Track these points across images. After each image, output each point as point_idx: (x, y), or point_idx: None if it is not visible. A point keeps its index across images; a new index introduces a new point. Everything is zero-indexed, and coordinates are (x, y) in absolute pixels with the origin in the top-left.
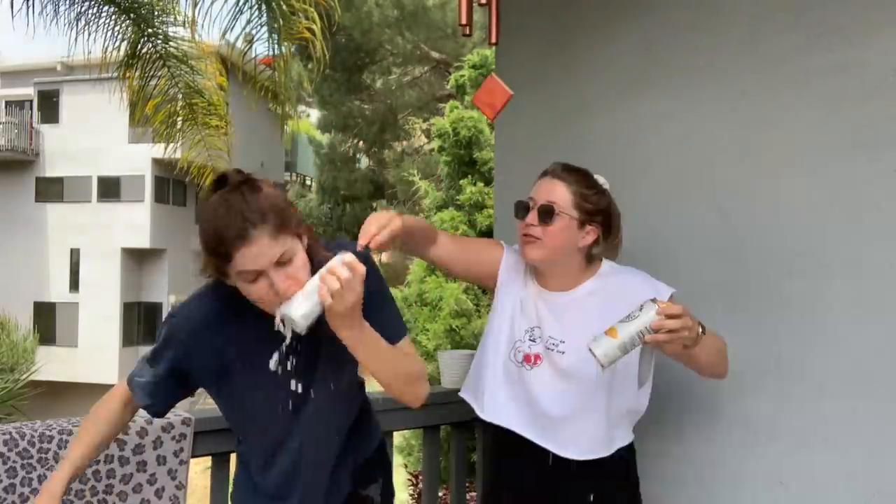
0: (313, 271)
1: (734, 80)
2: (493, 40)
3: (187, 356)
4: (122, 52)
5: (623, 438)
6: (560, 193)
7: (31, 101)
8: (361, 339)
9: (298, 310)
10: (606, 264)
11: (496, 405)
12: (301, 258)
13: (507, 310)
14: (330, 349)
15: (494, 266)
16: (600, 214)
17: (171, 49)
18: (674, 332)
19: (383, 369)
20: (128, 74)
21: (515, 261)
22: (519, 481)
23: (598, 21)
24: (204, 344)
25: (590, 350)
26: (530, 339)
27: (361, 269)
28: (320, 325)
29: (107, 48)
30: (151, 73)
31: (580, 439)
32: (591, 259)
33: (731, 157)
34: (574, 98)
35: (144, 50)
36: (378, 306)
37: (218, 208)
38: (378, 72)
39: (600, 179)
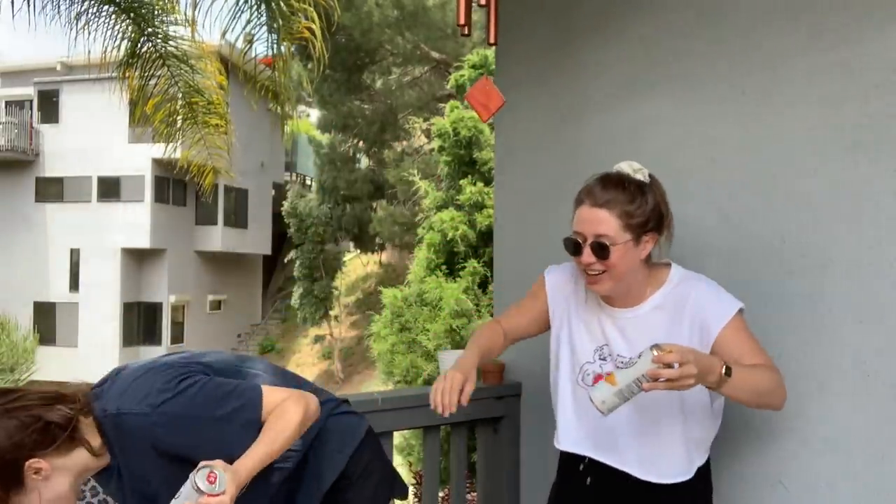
0: None
1: (734, 80)
2: (493, 40)
3: None
4: (122, 52)
5: (701, 457)
6: (606, 223)
7: (31, 101)
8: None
9: None
10: (675, 272)
11: (569, 434)
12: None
13: (564, 336)
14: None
15: (545, 304)
16: (651, 220)
17: (171, 48)
18: (672, 381)
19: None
20: (128, 74)
21: (558, 283)
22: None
23: (597, 22)
24: None
25: (590, 398)
26: (600, 359)
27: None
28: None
29: (107, 48)
30: (151, 72)
31: (660, 461)
32: (651, 263)
33: (731, 156)
34: (574, 98)
35: (144, 49)
36: (212, 440)
37: None
38: (378, 72)
39: (633, 166)
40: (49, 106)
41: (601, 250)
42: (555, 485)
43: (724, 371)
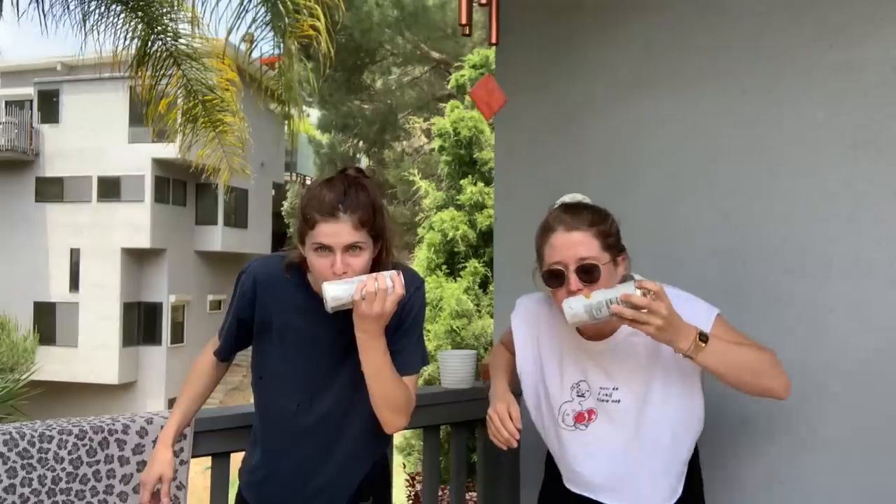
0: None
1: (734, 79)
2: (493, 40)
3: (249, 306)
4: (132, 51)
5: (687, 471)
6: (587, 244)
7: (31, 101)
8: (370, 348)
9: (333, 291)
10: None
11: (573, 476)
12: (365, 257)
13: (530, 378)
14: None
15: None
16: (619, 240)
17: (182, 46)
18: (641, 308)
19: (376, 386)
20: (139, 73)
21: (523, 319)
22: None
23: (598, 21)
24: (264, 293)
25: (562, 306)
26: (578, 396)
27: (401, 290)
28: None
29: (117, 47)
30: (162, 71)
31: (650, 489)
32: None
33: (731, 156)
34: (574, 98)
35: (155, 48)
36: (405, 334)
37: (325, 185)
38: (378, 72)
39: (576, 198)
40: (49, 106)
41: (588, 273)
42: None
43: (698, 337)
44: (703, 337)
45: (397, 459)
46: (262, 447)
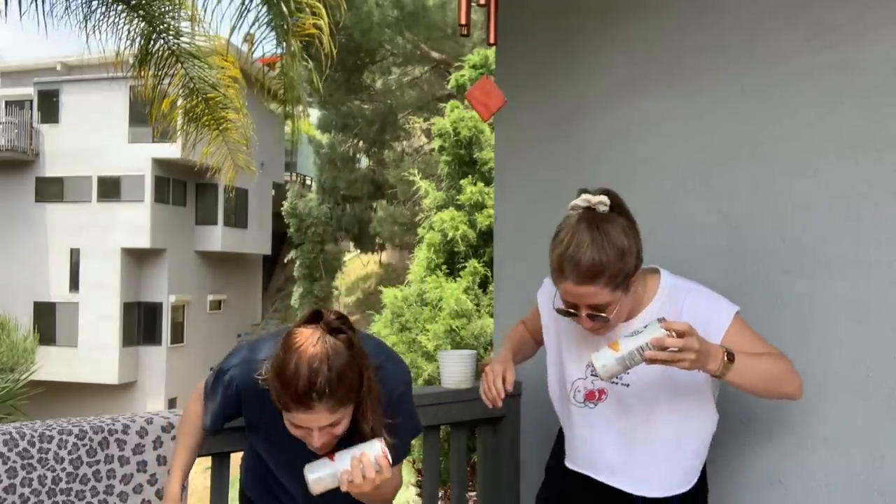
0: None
1: (734, 79)
2: (492, 40)
3: (235, 406)
4: (134, 50)
5: (697, 468)
6: (597, 294)
7: (31, 101)
8: (369, 499)
9: (315, 473)
10: (664, 280)
11: (574, 452)
12: (344, 425)
13: (553, 353)
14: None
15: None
16: (632, 264)
17: (184, 45)
18: (676, 351)
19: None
20: (142, 73)
21: (548, 304)
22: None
23: (597, 21)
24: (248, 400)
25: (591, 361)
26: (592, 375)
27: (388, 473)
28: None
29: (120, 47)
30: (165, 70)
31: (652, 475)
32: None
33: (730, 156)
34: (573, 97)
35: (157, 47)
36: (395, 433)
37: (299, 363)
38: (378, 72)
39: (590, 200)
40: (49, 106)
41: (600, 314)
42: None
43: (725, 356)
44: (731, 356)
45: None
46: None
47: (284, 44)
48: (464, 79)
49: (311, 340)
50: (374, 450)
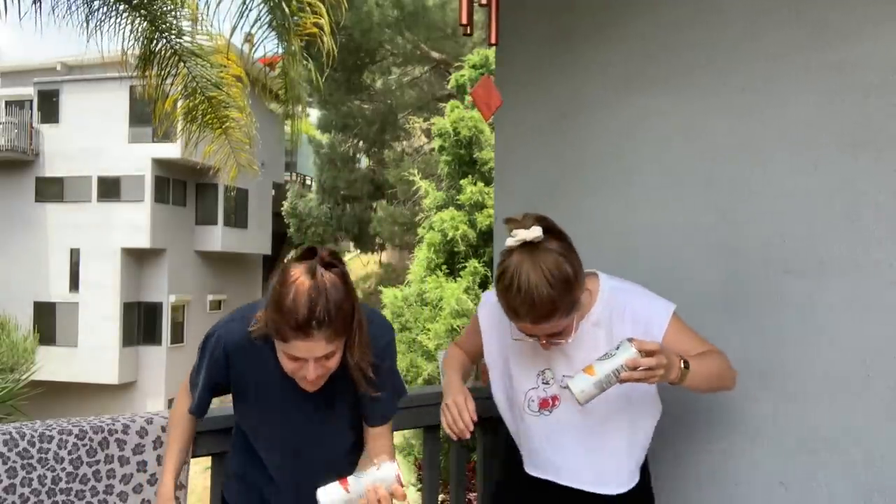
0: (346, 365)
1: (733, 78)
2: (493, 40)
3: (223, 371)
4: (136, 51)
5: (640, 462)
6: (554, 325)
7: (31, 101)
8: None
9: (330, 498)
10: (603, 282)
11: (535, 459)
12: (336, 359)
13: (499, 365)
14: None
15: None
16: (579, 283)
17: (186, 44)
18: (649, 369)
19: None
20: (145, 73)
21: (491, 320)
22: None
23: (597, 20)
24: (236, 360)
25: (567, 387)
26: (543, 383)
27: (401, 499)
28: (336, 387)
29: (123, 46)
30: (168, 69)
31: (612, 473)
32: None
33: (730, 155)
34: (573, 97)
35: (159, 47)
36: (381, 387)
37: (298, 294)
38: (378, 72)
39: (525, 235)
40: (49, 106)
41: (558, 336)
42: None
43: (682, 365)
44: (686, 364)
45: (398, 459)
46: (249, 467)
47: (285, 43)
48: (464, 79)
49: (307, 273)
50: (389, 478)
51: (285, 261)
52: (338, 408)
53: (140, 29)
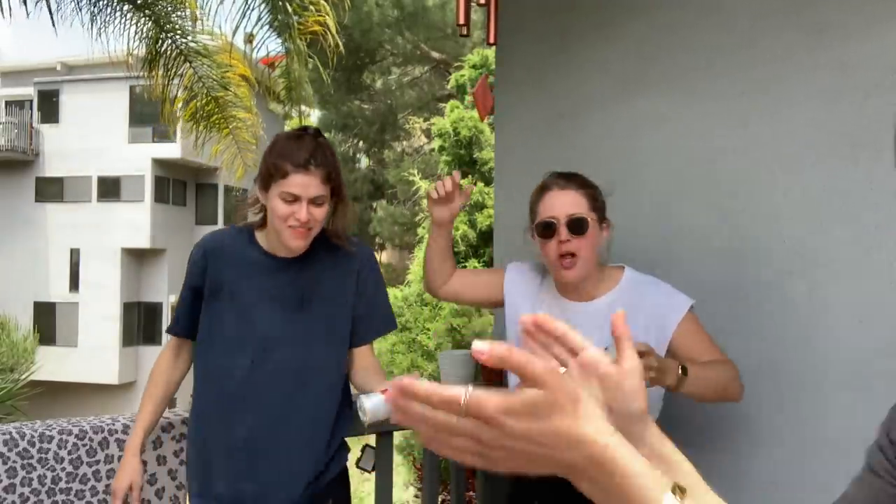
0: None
1: (733, 79)
2: (492, 40)
3: (200, 274)
4: (141, 51)
5: None
6: (578, 202)
7: (31, 101)
8: None
9: (372, 402)
10: (629, 273)
11: None
12: (326, 210)
13: (513, 329)
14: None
15: (499, 287)
16: (604, 207)
17: (192, 44)
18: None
19: None
20: (151, 74)
21: (515, 279)
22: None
23: (596, 21)
24: (214, 259)
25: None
26: None
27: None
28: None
29: (128, 46)
30: (174, 70)
31: None
32: (603, 265)
33: (730, 156)
34: (573, 98)
35: (165, 47)
36: (370, 301)
37: (297, 140)
38: (378, 72)
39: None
40: (49, 106)
41: (578, 227)
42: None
43: (680, 371)
44: (684, 370)
45: (397, 459)
46: (202, 425)
47: (289, 43)
48: (464, 79)
49: (303, 130)
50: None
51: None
52: (308, 310)
53: (145, 29)
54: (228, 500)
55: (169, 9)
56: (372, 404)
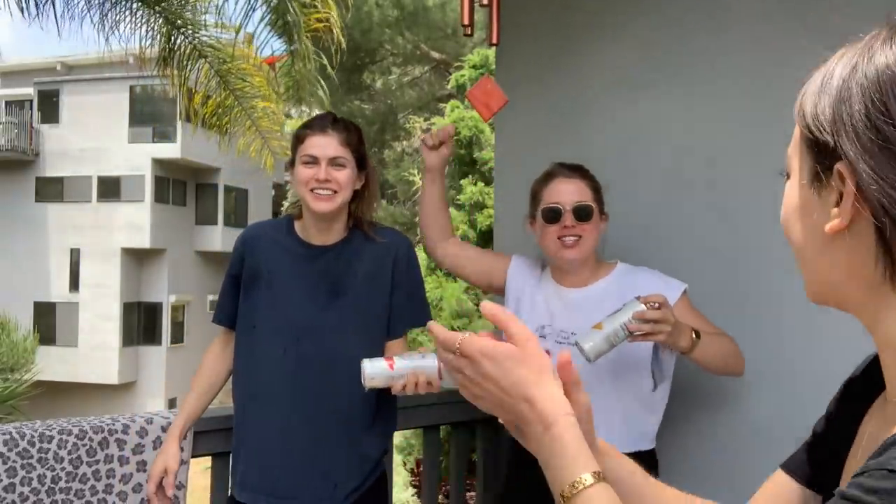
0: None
1: (734, 79)
2: (494, 41)
3: (239, 262)
4: (154, 49)
5: (642, 442)
6: (583, 190)
7: (31, 101)
8: None
9: (374, 369)
10: (622, 264)
11: None
12: (347, 174)
13: (510, 309)
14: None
15: (503, 272)
16: (603, 202)
17: (205, 38)
18: (655, 322)
19: None
20: (166, 72)
21: (520, 267)
22: (538, 487)
23: (598, 21)
24: (252, 248)
25: (577, 344)
26: (541, 337)
27: (436, 390)
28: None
29: (141, 44)
30: (189, 66)
31: (602, 434)
32: (598, 260)
33: (730, 156)
34: (574, 98)
35: (178, 43)
36: (406, 295)
37: (319, 114)
38: (378, 72)
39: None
40: (49, 106)
41: (583, 213)
42: (510, 466)
43: (693, 334)
44: (697, 335)
45: (397, 459)
46: (240, 413)
47: (297, 44)
48: (464, 79)
49: (326, 113)
50: (431, 368)
51: None
52: (342, 299)
53: (157, 27)
54: (264, 490)
55: (182, 3)
56: (371, 369)
